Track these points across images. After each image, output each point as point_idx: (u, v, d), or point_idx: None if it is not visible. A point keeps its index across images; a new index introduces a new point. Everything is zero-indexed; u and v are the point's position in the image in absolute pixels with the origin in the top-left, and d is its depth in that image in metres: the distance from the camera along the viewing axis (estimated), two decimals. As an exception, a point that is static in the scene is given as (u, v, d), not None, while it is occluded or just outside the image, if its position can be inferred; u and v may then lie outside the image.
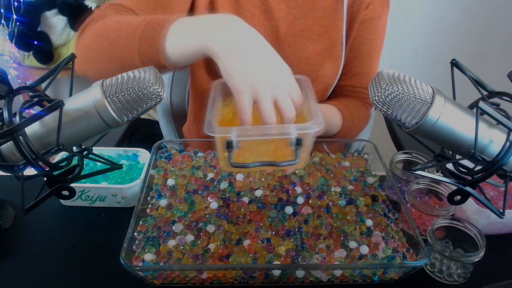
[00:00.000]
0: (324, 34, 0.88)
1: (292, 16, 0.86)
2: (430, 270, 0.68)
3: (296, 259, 0.63)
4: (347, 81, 0.96)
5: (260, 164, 0.55)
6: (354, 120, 0.92)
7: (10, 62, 1.93)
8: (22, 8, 1.73)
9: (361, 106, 0.96)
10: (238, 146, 0.53)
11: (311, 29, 0.88)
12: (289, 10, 0.85)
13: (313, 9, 0.87)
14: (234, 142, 0.52)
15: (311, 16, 0.87)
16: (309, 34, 0.88)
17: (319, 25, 0.88)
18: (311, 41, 0.88)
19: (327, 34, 0.89)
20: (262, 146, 0.58)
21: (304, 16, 0.86)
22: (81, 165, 0.54)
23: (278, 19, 0.85)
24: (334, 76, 0.93)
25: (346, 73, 0.95)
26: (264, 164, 0.55)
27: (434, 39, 2.30)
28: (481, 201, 0.52)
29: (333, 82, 0.95)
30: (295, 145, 0.53)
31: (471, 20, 2.15)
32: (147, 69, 0.48)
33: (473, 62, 2.12)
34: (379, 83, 0.47)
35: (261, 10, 0.84)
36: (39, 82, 0.50)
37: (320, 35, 0.88)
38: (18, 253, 0.69)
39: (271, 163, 0.55)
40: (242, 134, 0.53)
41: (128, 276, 0.63)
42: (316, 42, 0.89)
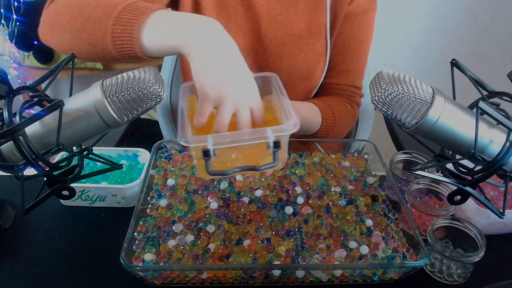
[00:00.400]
0: (306, 29, 0.88)
1: (274, 12, 0.86)
2: (430, 270, 0.68)
3: (296, 259, 0.63)
4: (333, 78, 0.95)
5: (239, 170, 0.54)
6: (336, 119, 0.91)
7: (10, 62, 1.93)
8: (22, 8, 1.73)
9: (345, 104, 0.95)
10: (215, 154, 0.52)
11: (293, 24, 0.87)
12: (271, 6, 0.85)
13: (295, 4, 0.86)
14: (211, 151, 0.51)
15: (293, 11, 0.87)
16: (290, 30, 0.87)
17: (301, 21, 0.87)
18: (292, 36, 0.88)
19: (309, 30, 0.88)
20: (239, 151, 0.57)
21: (286, 11, 0.86)
22: (81, 165, 0.54)
23: (259, 15, 0.85)
24: (318, 73, 0.92)
25: (331, 70, 0.94)
26: (243, 169, 0.55)
27: (434, 39, 2.30)
28: (481, 201, 0.52)
29: (318, 80, 0.94)
30: (273, 148, 0.53)
31: (471, 20, 2.15)
32: (147, 69, 0.48)
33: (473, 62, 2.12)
34: (379, 83, 0.47)
35: (243, 6, 0.85)
36: (39, 82, 0.50)
37: (302, 31, 0.88)
38: (18, 253, 0.69)
39: (250, 168, 0.55)
40: (218, 142, 0.52)
41: (128, 276, 0.63)
42: (298, 37, 0.88)
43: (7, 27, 1.79)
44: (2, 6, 1.75)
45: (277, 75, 0.67)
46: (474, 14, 2.13)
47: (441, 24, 2.25)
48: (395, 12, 2.16)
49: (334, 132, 0.93)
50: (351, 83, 0.95)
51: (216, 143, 0.52)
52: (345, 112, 0.94)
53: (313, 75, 0.92)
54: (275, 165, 0.54)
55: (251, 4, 0.84)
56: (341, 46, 0.92)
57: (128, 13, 0.58)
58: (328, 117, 0.89)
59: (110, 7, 0.59)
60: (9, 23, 1.77)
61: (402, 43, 2.36)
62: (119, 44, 0.59)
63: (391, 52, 2.30)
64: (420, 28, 2.32)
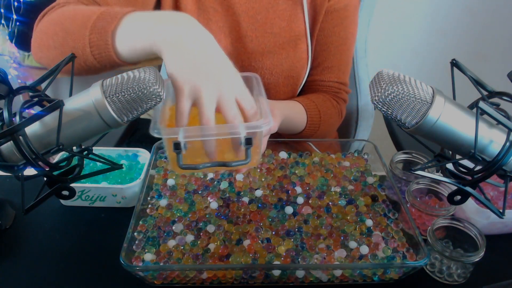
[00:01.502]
0: (286, 27, 0.88)
1: (254, 11, 0.86)
2: (430, 270, 0.68)
3: (296, 259, 0.63)
4: (317, 75, 0.95)
5: (210, 165, 0.53)
6: (322, 116, 0.90)
7: (10, 62, 1.93)
8: (22, 8, 1.73)
9: (331, 101, 0.94)
10: (186, 147, 0.51)
11: (272, 23, 0.87)
12: (250, 5, 0.85)
13: (274, 3, 0.86)
14: (182, 143, 0.51)
15: (272, 10, 0.87)
16: (270, 28, 0.87)
17: (280, 19, 0.87)
18: (273, 35, 0.88)
19: (289, 28, 0.88)
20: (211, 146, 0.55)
21: (265, 10, 0.86)
22: (81, 165, 0.54)
23: (239, 14, 0.85)
24: (301, 70, 0.92)
25: (316, 67, 0.94)
26: (214, 165, 0.54)
27: (434, 39, 2.30)
28: (481, 201, 0.52)
29: (302, 77, 0.93)
30: (245, 145, 0.52)
31: (471, 20, 2.15)
32: (147, 69, 0.48)
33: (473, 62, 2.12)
34: (379, 83, 0.47)
35: (222, 6, 0.85)
36: (39, 82, 0.50)
37: (282, 29, 0.88)
38: (18, 253, 0.69)
39: (222, 164, 0.53)
40: (189, 135, 0.51)
41: (128, 276, 0.63)
42: (279, 35, 0.88)
43: (7, 27, 1.79)
44: (2, 6, 1.75)
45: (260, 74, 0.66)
46: (474, 14, 2.13)
47: (441, 24, 2.25)
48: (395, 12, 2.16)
49: (321, 130, 0.92)
50: (336, 79, 0.94)
51: (187, 135, 0.51)
52: (331, 109, 0.94)
53: (297, 73, 0.91)
54: (247, 163, 0.53)
55: (230, 4, 0.85)
56: (324, 43, 0.91)
57: (102, 20, 0.58)
58: (313, 115, 0.89)
59: (86, 18, 0.60)
60: (9, 23, 1.77)
61: (401, 43, 2.36)
62: (98, 53, 0.59)
63: (391, 52, 2.30)
64: (420, 28, 2.32)
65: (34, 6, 1.76)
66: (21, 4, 1.73)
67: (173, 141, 0.51)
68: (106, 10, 0.59)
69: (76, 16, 0.62)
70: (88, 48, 0.59)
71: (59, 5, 0.68)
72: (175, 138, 0.51)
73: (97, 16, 0.59)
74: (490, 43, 2.13)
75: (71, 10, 0.65)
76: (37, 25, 0.68)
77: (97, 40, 0.58)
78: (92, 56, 0.59)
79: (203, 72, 0.52)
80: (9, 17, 1.76)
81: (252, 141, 0.52)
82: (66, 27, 0.62)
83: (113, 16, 0.58)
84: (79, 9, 0.64)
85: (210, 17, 0.85)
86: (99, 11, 0.60)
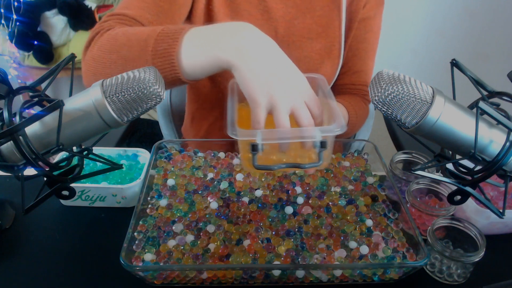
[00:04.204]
0: (323, 33, 0.88)
1: (290, 16, 0.86)
2: (430, 270, 0.68)
3: (296, 259, 0.63)
4: (347, 79, 0.97)
5: (284, 166, 0.55)
6: (358, 117, 0.92)
7: (10, 62, 1.93)
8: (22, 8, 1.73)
9: (361, 103, 0.97)
10: (263, 149, 0.53)
11: (309, 28, 0.88)
12: (287, 10, 0.85)
13: (311, 8, 0.87)
14: (259, 145, 0.53)
15: (310, 15, 0.87)
16: (308, 34, 0.88)
17: (317, 24, 0.88)
18: (310, 40, 0.88)
19: (326, 34, 0.89)
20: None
21: (303, 15, 0.86)
22: (81, 165, 0.54)
23: (276, 19, 0.85)
24: (332, 75, 0.94)
25: (346, 71, 0.96)
26: (288, 166, 0.56)
27: (434, 39, 2.30)
28: (481, 201, 0.52)
29: (331, 81, 0.95)
30: (319, 148, 0.54)
31: (472, 20, 2.15)
32: (147, 69, 0.48)
33: (473, 62, 2.13)
34: (379, 83, 0.47)
35: (258, 10, 0.84)
36: (39, 82, 0.50)
37: (319, 34, 0.88)
38: (18, 253, 0.69)
39: (296, 165, 0.56)
40: (267, 138, 0.54)
41: (128, 276, 0.63)
42: (315, 41, 0.89)
43: (7, 27, 1.79)
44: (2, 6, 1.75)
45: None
46: (474, 14, 2.13)
47: (441, 24, 2.25)
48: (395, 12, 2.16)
49: (354, 130, 0.96)
50: (364, 82, 0.97)
51: (264, 138, 0.53)
52: (363, 110, 0.97)
53: (328, 77, 0.93)
54: (319, 165, 0.55)
55: (267, 9, 0.84)
56: (356, 48, 0.93)
57: (162, 43, 0.58)
58: (352, 116, 0.91)
59: (143, 42, 0.59)
60: (9, 23, 1.77)
61: (401, 43, 2.36)
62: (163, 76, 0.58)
63: (391, 52, 2.30)
64: (420, 28, 2.32)
65: (34, 6, 1.76)
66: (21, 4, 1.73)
67: (251, 143, 0.53)
68: (162, 32, 0.59)
69: (131, 41, 0.61)
70: None
71: (103, 29, 0.67)
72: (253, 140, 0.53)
73: (155, 39, 0.59)
74: (490, 43, 2.13)
75: (121, 35, 0.64)
76: (86, 53, 0.67)
77: (161, 64, 0.58)
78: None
79: (276, 82, 0.55)
80: (9, 17, 1.76)
81: (326, 145, 0.54)
82: (124, 55, 0.61)
83: (173, 38, 0.58)
84: (130, 33, 0.63)
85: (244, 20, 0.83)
86: (154, 33, 0.59)
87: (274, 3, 0.84)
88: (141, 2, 0.72)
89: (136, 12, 0.71)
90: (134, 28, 0.66)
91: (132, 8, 0.72)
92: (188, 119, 1.02)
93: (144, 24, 0.71)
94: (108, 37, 0.65)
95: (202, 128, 0.99)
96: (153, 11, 0.73)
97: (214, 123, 0.96)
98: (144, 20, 0.71)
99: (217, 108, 0.94)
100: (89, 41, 0.68)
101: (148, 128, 1.82)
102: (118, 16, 0.70)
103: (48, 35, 1.87)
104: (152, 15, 0.72)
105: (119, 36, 0.64)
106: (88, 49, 0.67)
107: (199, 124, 0.99)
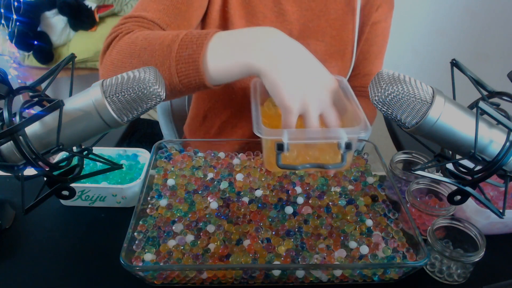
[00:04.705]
0: (337, 36, 0.89)
1: (305, 19, 0.86)
2: (430, 270, 0.68)
3: (296, 259, 0.63)
4: (358, 81, 0.98)
5: (309, 166, 0.56)
6: (369, 119, 0.93)
7: (10, 62, 1.93)
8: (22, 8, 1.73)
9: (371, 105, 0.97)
10: (289, 148, 0.54)
11: (324, 32, 0.88)
12: (301, 13, 0.85)
13: (325, 11, 0.87)
14: (285, 145, 0.53)
15: (324, 18, 0.87)
16: (322, 37, 0.88)
17: (331, 28, 0.88)
18: (324, 43, 0.89)
19: (339, 37, 0.89)
20: (309, 148, 0.59)
21: (317, 18, 0.87)
22: (81, 165, 0.54)
23: (290, 22, 0.85)
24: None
25: (356, 74, 0.97)
26: (312, 166, 0.56)
27: (434, 39, 2.30)
28: (481, 201, 0.52)
29: None
30: (344, 149, 0.54)
31: (472, 20, 2.15)
32: (147, 69, 0.48)
33: (473, 62, 2.13)
34: (379, 83, 0.47)
35: (273, 12, 0.84)
36: (39, 82, 0.50)
37: (333, 38, 0.89)
38: (18, 253, 0.69)
39: (320, 166, 0.56)
40: (293, 138, 0.54)
41: (128, 276, 0.63)
42: (329, 44, 0.89)
43: (7, 27, 1.79)
44: (2, 6, 1.75)
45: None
46: (474, 14, 2.13)
47: (441, 24, 2.24)
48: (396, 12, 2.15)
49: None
50: None
51: (291, 138, 0.54)
52: (373, 112, 0.98)
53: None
54: (343, 166, 0.56)
55: (282, 11, 0.84)
56: (366, 52, 0.94)
57: (186, 48, 0.58)
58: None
59: (166, 47, 0.59)
60: (9, 23, 1.77)
61: (402, 43, 2.36)
62: (187, 82, 0.59)
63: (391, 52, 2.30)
64: (420, 28, 2.32)
65: (34, 6, 1.77)
66: (21, 4, 1.73)
67: (277, 142, 0.53)
68: (185, 37, 0.59)
69: (153, 46, 0.61)
70: (176, 78, 0.59)
71: (122, 33, 0.66)
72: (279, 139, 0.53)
73: (179, 44, 0.58)
74: (490, 43, 2.13)
75: (142, 39, 0.63)
76: (104, 57, 0.66)
77: (185, 70, 0.58)
78: (181, 84, 0.59)
79: (307, 88, 0.55)
80: (9, 17, 1.76)
81: (351, 146, 0.54)
82: (146, 59, 0.61)
83: (197, 43, 0.57)
84: (151, 37, 0.62)
85: (259, 22, 0.84)
86: (178, 38, 0.59)
87: (289, 6, 0.84)
88: (159, 5, 0.71)
89: (154, 15, 0.70)
90: (155, 32, 0.65)
91: (150, 10, 0.71)
92: (199, 117, 1.01)
93: (162, 27, 0.70)
94: (128, 40, 0.64)
95: (215, 125, 0.98)
96: (171, 14, 0.72)
97: (226, 121, 0.96)
98: (163, 23, 0.70)
99: (229, 107, 0.94)
100: (107, 45, 0.67)
101: (148, 128, 1.82)
102: (136, 18, 0.69)
103: (48, 35, 1.87)
104: (170, 17, 0.72)
105: (139, 40, 0.63)
106: (106, 53, 0.66)
107: (211, 122, 0.99)
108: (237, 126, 0.96)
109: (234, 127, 0.96)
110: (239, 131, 0.96)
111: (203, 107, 0.99)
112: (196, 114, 1.02)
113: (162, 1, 0.72)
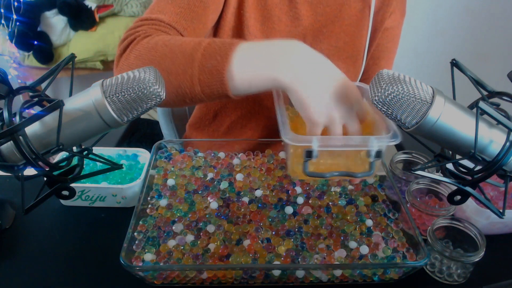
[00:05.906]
0: (350, 42, 0.89)
1: (319, 24, 0.86)
2: (430, 270, 0.68)
3: (296, 259, 0.63)
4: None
5: (337, 174, 0.56)
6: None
7: (10, 62, 1.93)
8: (22, 8, 1.73)
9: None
10: (317, 155, 0.53)
11: (337, 37, 0.88)
12: (316, 18, 0.85)
13: (340, 17, 0.87)
14: (315, 152, 0.53)
15: (338, 24, 0.87)
16: (335, 42, 0.88)
17: (345, 33, 0.88)
18: (337, 48, 0.89)
19: (353, 43, 0.89)
20: (337, 156, 0.58)
21: (331, 23, 0.86)
22: (81, 165, 0.54)
23: (305, 26, 0.85)
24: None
25: (366, 79, 0.97)
26: (341, 174, 0.56)
27: (434, 39, 2.29)
28: (481, 201, 0.52)
29: None
30: (374, 157, 0.54)
31: (472, 20, 2.15)
32: (147, 69, 0.48)
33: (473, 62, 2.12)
34: (379, 83, 0.47)
35: (288, 17, 0.84)
36: (39, 82, 0.50)
37: (346, 43, 0.89)
38: (18, 253, 0.69)
39: (348, 174, 0.56)
40: (323, 145, 0.53)
41: (128, 276, 0.63)
42: (342, 49, 0.89)
43: (7, 27, 1.79)
44: (2, 6, 1.75)
45: None
46: (474, 14, 2.13)
47: (441, 24, 2.24)
48: (395, 12, 2.15)
49: None
50: None
51: (321, 145, 0.53)
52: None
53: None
54: (371, 174, 0.55)
55: (297, 16, 0.84)
56: (377, 57, 0.94)
57: (209, 59, 0.57)
58: None
59: (188, 56, 0.58)
60: (9, 23, 1.77)
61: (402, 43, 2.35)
62: (209, 92, 0.58)
63: (391, 52, 2.30)
64: (420, 28, 2.31)
65: (34, 6, 1.77)
66: (21, 4, 1.73)
67: (306, 149, 0.53)
68: (208, 46, 0.58)
69: (174, 53, 0.60)
70: (198, 87, 0.58)
71: (140, 37, 0.64)
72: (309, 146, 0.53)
73: (202, 54, 0.57)
74: (490, 43, 2.13)
75: (162, 45, 0.61)
76: (121, 61, 0.65)
77: (208, 81, 0.57)
78: (203, 94, 0.59)
79: (333, 102, 0.55)
80: (9, 17, 1.76)
81: (381, 154, 0.54)
82: (167, 67, 0.59)
83: (221, 54, 0.57)
84: (172, 44, 0.61)
85: (274, 26, 0.83)
86: (200, 47, 0.58)
87: (305, 11, 0.84)
88: (176, 7, 0.70)
89: (171, 18, 0.69)
90: (175, 38, 0.64)
91: (167, 13, 0.69)
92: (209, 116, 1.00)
93: (179, 30, 0.69)
94: (147, 45, 0.63)
95: (224, 124, 0.98)
96: (188, 17, 0.71)
97: (236, 121, 0.96)
98: (180, 26, 0.69)
99: (240, 107, 0.94)
100: (124, 48, 0.65)
101: (148, 128, 1.82)
102: (153, 21, 0.68)
103: (48, 35, 1.87)
104: (187, 21, 0.70)
105: (159, 46, 0.62)
106: (122, 56, 0.65)
107: (221, 121, 0.98)
108: (247, 127, 0.96)
109: (243, 127, 0.96)
110: (249, 131, 0.96)
111: (214, 106, 0.99)
112: (205, 112, 1.01)
113: (179, 3, 0.70)
